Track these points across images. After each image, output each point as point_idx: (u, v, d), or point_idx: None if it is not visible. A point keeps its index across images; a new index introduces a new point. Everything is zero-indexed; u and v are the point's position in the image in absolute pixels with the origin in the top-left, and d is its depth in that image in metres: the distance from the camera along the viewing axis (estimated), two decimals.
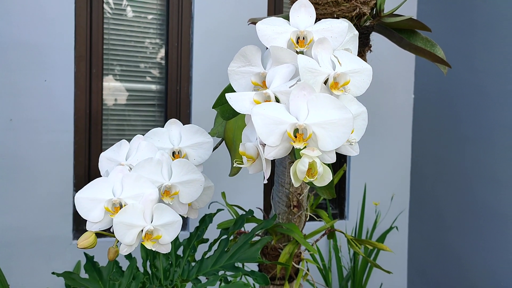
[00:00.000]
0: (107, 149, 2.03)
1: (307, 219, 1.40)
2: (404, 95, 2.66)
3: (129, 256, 1.14)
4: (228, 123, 1.11)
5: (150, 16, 2.16)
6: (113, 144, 2.11)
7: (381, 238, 2.37)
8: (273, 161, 1.35)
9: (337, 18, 0.95)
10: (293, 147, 0.49)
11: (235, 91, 0.89)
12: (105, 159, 0.69)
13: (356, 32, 0.62)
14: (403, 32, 1.15)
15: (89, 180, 2.04)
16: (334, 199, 2.64)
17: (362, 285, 2.28)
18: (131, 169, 0.64)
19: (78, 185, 2.01)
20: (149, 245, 0.58)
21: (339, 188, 2.56)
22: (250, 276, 1.13)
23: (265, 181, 0.48)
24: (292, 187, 1.34)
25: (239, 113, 0.97)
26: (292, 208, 1.36)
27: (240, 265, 1.24)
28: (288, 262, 1.34)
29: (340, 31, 0.56)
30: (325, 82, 0.53)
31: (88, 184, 0.61)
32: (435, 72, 2.54)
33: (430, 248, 2.58)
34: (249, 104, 0.52)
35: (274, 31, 0.56)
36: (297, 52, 0.55)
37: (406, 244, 2.74)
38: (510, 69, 2.13)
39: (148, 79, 2.18)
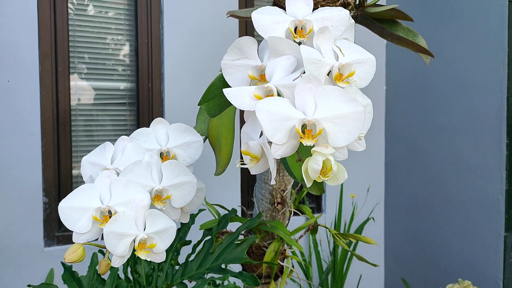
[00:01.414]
0: (76, 150, 1.95)
1: (291, 216, 1.38)
2: (375, 87, 2.68)
3: None
4: (212, 120, 1.06)
5: (117, 11, 2.07)
6: (83, 145, 2.02)
7: (359, 230, 2.38)
8: None
9: None
10: (299, 144, 0.46)
11: (222, 86, 0.85)
12: (87, 164, 0.63)
13: (353, 21, 0.59)
14: (384, 23, 1.13)
15: (59, 184, 1.95)
16: (310, 194, 2.63)
17: (342, 277, 2.29)
18: (118, 173, 0.60)
19: (48, 189, 1.92)
20: (143, 255, 0.54)
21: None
22: (239, 277, 1.09)
23: (273, 182, 0.45)
24: (275, 184, 1.31)
25: (225, 110, 0.93)
26: (276, 205, 1.34)
27: (230, 266, 1.21)
28: (274, 260, 1.31)
29: (341, 20, 0.53)
30: (328, 74, 0.50)
31: (73, 191, 0.56)
32: (405, 63, 2.56)
33: (406, 237, 2.62)
34: (250, 100, 0.49)
35: (271, 20, 0.53)
36: (296, 43, 0.52)
37: (383, 235, 2.77)
38: (480, 59, 2.17)
39: (118, 77, 2.10)
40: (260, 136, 0.48)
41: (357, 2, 1.01)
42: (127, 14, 2.08)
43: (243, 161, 0.48)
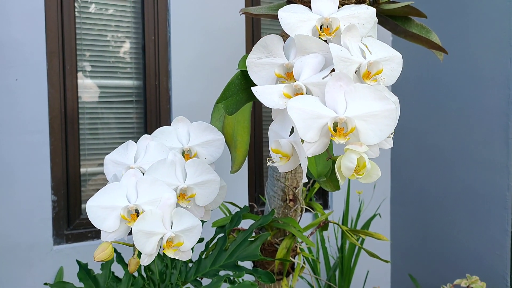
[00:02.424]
0: (84, 149, 1.95)
1: (303, 213, 1.38)
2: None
3: (120, 260, 1.09)
4: (227, 118, 1.07)
5: (124, 9, 2.07)
6: (90, 143, 2.02)
7: (366, 226, 2.38)
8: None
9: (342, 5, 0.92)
10: (329, 142, 0.46)
11: (240, 84, 0.85)
12: (110, 162, 0.63)
13: (376, 19, 0.59)
14: (397, 19, 1.13)
15: (68, 182, 1.95)
16: (317, 190, 2.63)
17: (350, 273, 2.29)
18: (142, 172, 0.60)
19: (56, 187, 1.92)
20: (170, 253, 0.54)
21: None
22: (254, 274, 1.09)
23: (305, 179, 0.45)
24: (287, 181, 1.32)
25: (243, 108, 0.93)
26: (288, 202, 1.34)
27: (240, 263, 1.21)
28: (286, 257, 1.32)
29: (367, 18, 0.53)
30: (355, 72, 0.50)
31: (100, 190, 0.56)
32: (413, 57, 2.56)
33: (413, 233, 2.62)
34: (278, 98, 0.49)
35: (297, 19, 0.53)
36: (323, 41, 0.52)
37: (389, 230, 2.77)
38: (487, 55, 2.17)
39: (124, 74, 2.09)
40: (290, 135, 0.48)
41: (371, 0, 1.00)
42: (133, 11, 2.08)
43: (271, 159, 0.48)
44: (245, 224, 1.24)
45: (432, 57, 2.35)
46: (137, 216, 0.54)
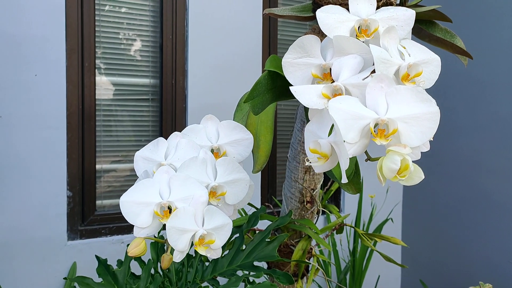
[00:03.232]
0: (99, 145, 1.96)
1: (319, 215, 1.38)
2: None
3: (138, 258, 1.10)
4: (250, 118, 1.07)
5: (143, 7, 2.08)
6: (106, 140, 2.03)
7: (378, 230, 2.38)
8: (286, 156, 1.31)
9: None
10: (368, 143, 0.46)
11: (267, 84, 0.85)
12: (141, 159, 0.64)
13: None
14: (422, 23, 1.12)
15: (83, 178, 1.97)
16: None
17: (361, 277, 2.28)
18: (174, 169, 0.60)
19: (72, 183, 1.93)
20: (202, 251, 0.54)
21: (326, 181, 2.54)
22: (272, 275, 1.09)
23: (345, 180, 0.45)
24: (305, 183, 1.32)
25: (267, 108, 0.93)
26: (305, 204, 1.33)
27: (259, 264, 1.21)
28: (302, 259, 1.31)
29: (406, 20, 0.53)
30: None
31: (133, 186, 0.56)
32: None
33: (424, 238, 2.60)
34: (317, 98, 0.49)
35: (335, 19, 0.53)
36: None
37: (400, 235, 2.76)
38: (503, 61, 2.15)
39: (142, 73, 2.11)
40: (329, 135, 0.48)
41: (398, 2, 1.00)
42: (152, 10, 2.09)
43: (311, 159, 0.48)
44: (261, 224, 1.24)
45: (447, 65, 2.34)
46: (170, 212, 0.54)
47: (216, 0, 2.14)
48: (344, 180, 0.45)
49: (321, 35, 1.10)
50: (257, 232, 1.35)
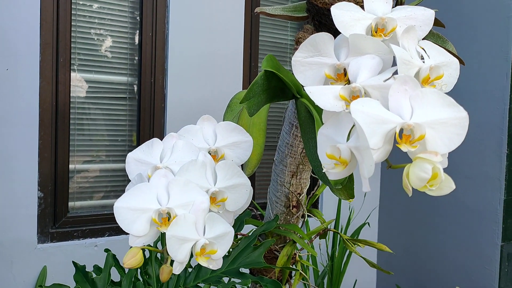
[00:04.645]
0: (74, 145, 1.88)
1: (304, 220, 1.35)
2: None
3: (116, 264, 1.04)
4: (242, 120, 1.03)
5: (122, 3, 2.01)
6: (81, 139, 1.94)
7: (355, 234, 2.37)
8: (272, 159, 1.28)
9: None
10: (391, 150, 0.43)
11: (263, 85, 0.82)
12: (133, 161, 0.59)
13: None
14: None
15: (55, 178, 1.88)
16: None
17: (339, 281, 2.27)
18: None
19: (43, 183, 1.84)
20: (203, 262, 0.50)
21: (311, 185, 2.53)
22: (260, 282, 1.06)
23: (367, 189, 0.42)
24: (292, 187, 1.29)
25: (261, 109, 0.89)
26: (291, 208, 1.30)
27: (244, 270, 1.17)
28: (287, 265, 1.28)
29: (425, 20, 0.50)
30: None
31: (128, 191, 0.52)
32: None
33: (400, 243, 2.62)
34: (333, 100, 0.45)
35: (351, 17, 0.50)
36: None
37: (376, 239, 2.77)
38: (484, 70, 2.18)
39: (119, 70, 2.03)
40: (347, 140, 0.44)
41: (394, 5, 0.98)
42: (132, 6, 2.02)
43: (327, 165, 0.45)
44: (245, 229, 1.21)
45: None
46: (168, 220, 0.50)
47: None
48: (366, 189, 0.42)
49: None
50: (238, 236, 1.31)
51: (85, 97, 1.97)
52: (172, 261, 0.49)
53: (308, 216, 1.43)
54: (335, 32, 0.97)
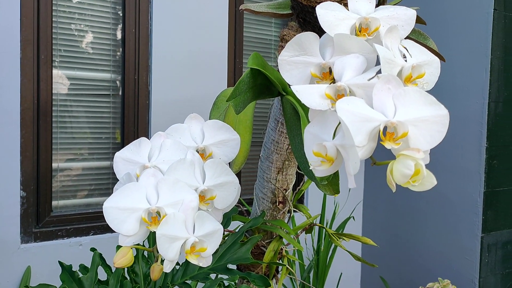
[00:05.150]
0: (56, 143, 1.86)
1: (291, 215, 1.37)
2: None
3: (103, 263, 1.04)
4: (228, 117, 1.03)
5: None
6: (64, 137, 1.92)
7: (340, 228, 2.41)
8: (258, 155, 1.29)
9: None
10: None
11: (249, 82, 0.82)
12: (121, 160, 0.59)
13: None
14: None
15: (38, 177, 1.86)
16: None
17: (325, 275, 2.30)
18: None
19: (25, 183, 1.82)
20: (193, 259, 0.51)
21: (297, 181, 2.55)
22: (248, 278, 1.07)
23: (353, 185, 0.43)
24: (278, 183, 1.30)
25: (247, 107, 0.90)
26: (277, 204, 1.32)
27: (232, 266, 1.18)
28: (274, 260, 1.30)
29: (407, 19, 0.52)
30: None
31: (117, 190, 0.52)
32: None
33: (384, 236, 2.66)
34: (319, 99, 0.46)
35: (335, 17, 0.51)
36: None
37: (361, 233, 2.81)
38: (464, 65, 2.23)
39: (102, 67, 2.01)
40: (333, 138, 0.45)
41: (377, 2, 1.00)
42: (114, 2, 2.01)
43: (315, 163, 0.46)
44: (232, 225, 1.21)
45: None
46: (158, 219, 0.51)
47: None
48: (352, 185, 0.43)
49: (299, 33, 1.08)
50: (225, 233, 1.32)
51: (67, 94, 1.94)
52: (162, 260, 0.50)
53: (294, 211, 1.45)
54: (320, 30, 0.98)
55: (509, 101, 2.20)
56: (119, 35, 2.02)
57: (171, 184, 0.52)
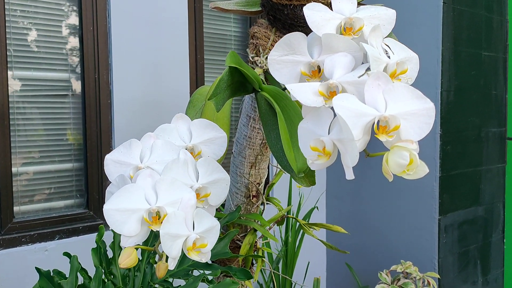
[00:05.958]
0: (15, 146, 1.79)
1: (264, 208, 1.40)
2: None
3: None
4: (205, 115, 1.04)
5: None
6: (23, 140, 1.86)
7: (305, 218, 2.47)
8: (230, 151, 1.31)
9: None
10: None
11: (228, 81, 0.84)
12: (112, 162, 0.59)
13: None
14: None
15: None
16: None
17: (293, 265, 2.36)
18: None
19: None
20: (195, 256, 0.52)
21: (268, 175, 2.59)
22: (229, 272, 1.09)
23: (351, 177, 0.46)
24: (251, 177, 1.32)
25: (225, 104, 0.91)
26: (251, 198, 1.34)
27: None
28: (250, 253, 1.33)
29: (388, 19, 0.55)
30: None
31: (116, 193, 0.52)
32: None
33: (347, 223, 2.75)
34: (313, 96, 0.49)
35: (322, 17, 0.53)
36: None
37: (324, 222, 2.88)
38: (417, 54, 2.32)
39: (61, 67, 1.95)
40: (329, 133, 0.48)
41: None
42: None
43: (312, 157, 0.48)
44: None
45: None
46: (158, 219, 0.52)
47: None
48: (351, 177, 0.46)
49: (269, 30, 1.10)
50: None
51: (25, 96, 1.87)
52: (160, 258, 0.51)
53: (266, 203, 1.48)
54: (290, 27, 1.00)
55: (460, 89, 2.33)
56: (77, 34, 1.97)
57: (169, 184, 0.53)
